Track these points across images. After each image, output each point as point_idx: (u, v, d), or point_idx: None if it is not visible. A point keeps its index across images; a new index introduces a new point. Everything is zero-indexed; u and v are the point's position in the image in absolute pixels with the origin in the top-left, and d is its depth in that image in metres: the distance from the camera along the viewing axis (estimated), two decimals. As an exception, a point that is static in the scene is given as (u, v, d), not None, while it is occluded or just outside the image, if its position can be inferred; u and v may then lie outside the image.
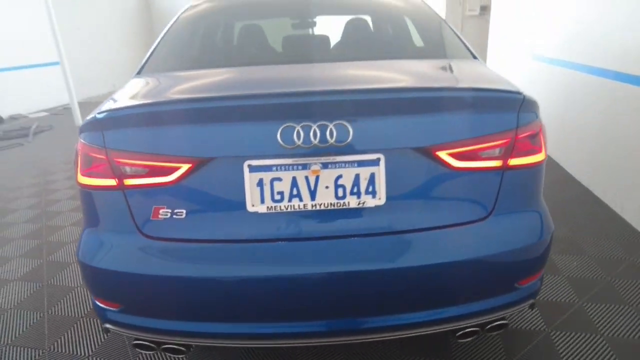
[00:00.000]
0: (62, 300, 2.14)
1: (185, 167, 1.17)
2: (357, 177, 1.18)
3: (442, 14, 10.39)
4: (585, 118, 3.33)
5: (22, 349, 1.83)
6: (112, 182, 1.22)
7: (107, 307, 1.31)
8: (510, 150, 1.22)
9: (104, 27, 9.64)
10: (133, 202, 1.22)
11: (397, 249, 1.21)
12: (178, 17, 2.04)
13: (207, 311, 1.24)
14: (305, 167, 1.17)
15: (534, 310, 1.90)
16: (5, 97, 7.29)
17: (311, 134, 1.12)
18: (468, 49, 1.74)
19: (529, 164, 1.27)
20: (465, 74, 1.53)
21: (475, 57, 1.69)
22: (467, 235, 1.23)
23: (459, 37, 1.83)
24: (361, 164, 1.17)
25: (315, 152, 1.14)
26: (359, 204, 1.19)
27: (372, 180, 1.18)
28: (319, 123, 1.12)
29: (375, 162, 1.17)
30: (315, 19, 2.37)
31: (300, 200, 1.18)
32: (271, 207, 1.18)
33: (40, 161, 4.71)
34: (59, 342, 1.85)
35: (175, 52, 1.85)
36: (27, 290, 2.25)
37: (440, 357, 1.67)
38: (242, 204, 1.18)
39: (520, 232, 1.29)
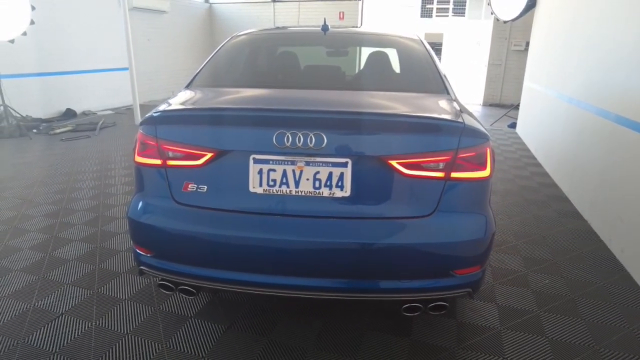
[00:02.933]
0: (110, 259, 2.68)
1: (209, 155, 1.64)
2: (330, 174, 1.60)
3: (487, 47, 10.64)
4: (589, 156, 3.55)
5: (78, 288, 2.36)
6: (158, 162, 1.71)
7: (143, 254, 1.79)
8: (452, 166, 1.60)
9: (172, 40, 10.74)
10: (171, 177, 1.71)
11: (357, 229, 1.61)
12: (223, 45, 2.58)
13: (214, 261, 1.69)
14: (293, 163, 1.60)
15: (488, 308, 2.20)
16: (81, 95, 8.36)
17: (297, 139, 1.55)
18: (445, 86, 2.12)
19: (471, 177, 1.63)
20: (426, 105, 1.91)
21: (447, 93, 2.07)
22: (412, 226, 1.61)
23: (440, 75, 2.21)
24: (334, 164, 1.59)
25: (301, 152, 1.58)
26: (330, 194, 1.61)
27: (341, 177, 1.60)
28: (302, 131, 1.55)
29: (344, 164, 1.59)
30: (344, 49, 2.87)
31: (288, 187, 1.61)
32: (266, 190, 1.62)
33: (102, 152, 5.47)
34: (105, 287, 2.37)
35: (216, 72, 2.38)
36: (84, 249, 2.82)
37: (401, 334, 2.01)
38: (246, 186, 1.63)
39: (459, 229, 1.64)
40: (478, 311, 2.22)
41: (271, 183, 1.62)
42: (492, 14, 8.19)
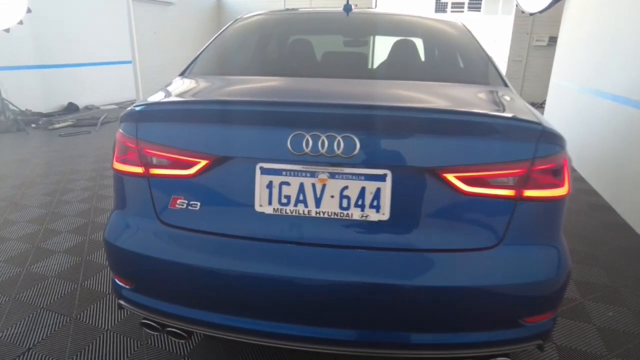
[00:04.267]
0: (95, 275, 2.32)
1: (203, 163, 1.26)
2: (362, 190, 1.20)
3: (507, 43, 10.12)
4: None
5: (54, 313, 2.00)
6: (139, 169, 1.33)
7: (123, 285, 1.42)
8: (525, 181, 1.19)
9: (180, 33, 10.38)
10: (155, 190, 1.33)
11: (396, 265, 1.21)
12: (227, 27, 2.19)
13: (208, 301, 1.30)
14: (313, 174, 1.21)
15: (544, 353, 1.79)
16: (84, 89, 8.04)
17: (319, 143, 1.16)
18: (500, 76, 1.71)
19: (547, 197, 1.23)
20: (488, 100, 1.51)
21: (506, 86, 1.66)
22: (471, 262, 1.21)
23: (493, 64, 1.80)
24: (368, 177, 1.20)
25: (324, 161, 1.18)
26: (362, 216, 1.21)
27: (377, 194, 1.20)
28: (327, 133, 1.16)
29: (382, 178, 1.19)
30: (365, 38, 2.43)
31: (306, 206, 1.22)
32: (277, 209, 1.23)
33: (101, 149, 5.13)
34: (85, 312, 2.01)
35: (217, 58, 1.99)
36: (68, 261, 2.46)
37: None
38: (251, 203, 1.24)
39: (531, 266, 1.24)
40: (527, 352, 1.81)
41: (284, 201, 1.23)
42: (517, 6, 7.70)
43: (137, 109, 1.34)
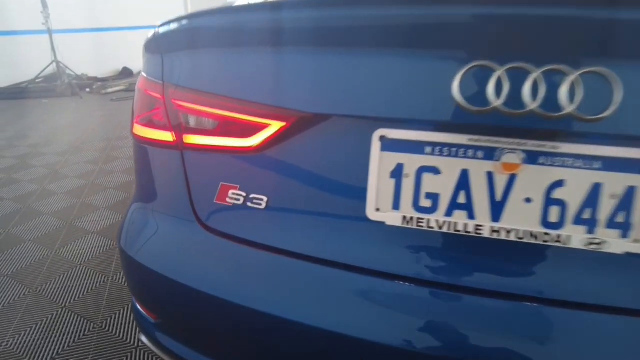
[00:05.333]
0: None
1: (275, 127, 0.69)
2: (596, 189, 0.58)
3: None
4: None
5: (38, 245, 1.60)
6: (167, 136, 0.79)
7: (144, 314, 0.92)
8: None
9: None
10: (194, 172, 0.79)
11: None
12: None
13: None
14: (491, 154, 0.60)
15: None
16: (138, 54, 7.79)
17: (525, 88, 0.55)
18: None
19: None
20: None
21: None
22: None
23: None
24: (613, 164, 0.57)
25: (524, 126, 0.57)
26: (589, 243, 0.60)
27: (628, 200, 0.58)
28: (546, 68, 0.54)
29: (649, 167, 0.56)
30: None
31: (471, 216, 0.63)
32: (411, 218, 0.65)
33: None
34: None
35: None
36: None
37: None
38: (360, 205, 0.67)
39: None
40: None
41: (425, 203, 0.64)
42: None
43: (162, 29, 0.79)
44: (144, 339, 0.94)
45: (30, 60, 6.12)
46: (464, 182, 0.63)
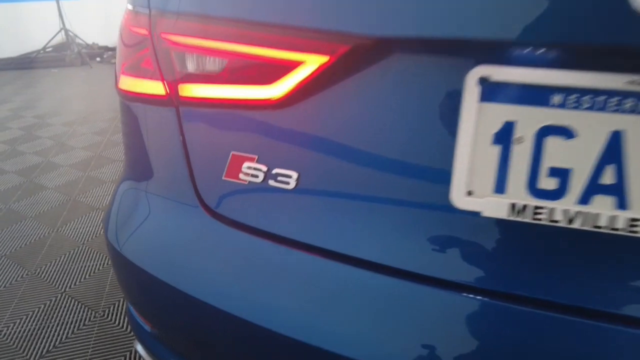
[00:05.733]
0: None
1: (311, 65, 0.46)
2: None
3: None
4: None
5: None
6: (158, 87, 0.57)
7: (139, 320, 0.72)
8: None
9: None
10: (193, 136, 0.57)
11: None
12: None
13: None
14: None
15: None
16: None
17: None
18: None
19: None
20: None
21: None
22: None
23: None
24: None
25: None
26: None
27: None
28: None
29: None
30: None
31: (622, 205, 0.39)
32: (524, 206, 0.42)
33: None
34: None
35: None
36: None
37: None
38: (440, 188, 0.44)
39: None
40: None
41: (548, 183, 0.41)
42: None
43: None
44: (140, 349, 0.75)
45: (40, 29, 5.93)
46: (613, 152, 0.39)
